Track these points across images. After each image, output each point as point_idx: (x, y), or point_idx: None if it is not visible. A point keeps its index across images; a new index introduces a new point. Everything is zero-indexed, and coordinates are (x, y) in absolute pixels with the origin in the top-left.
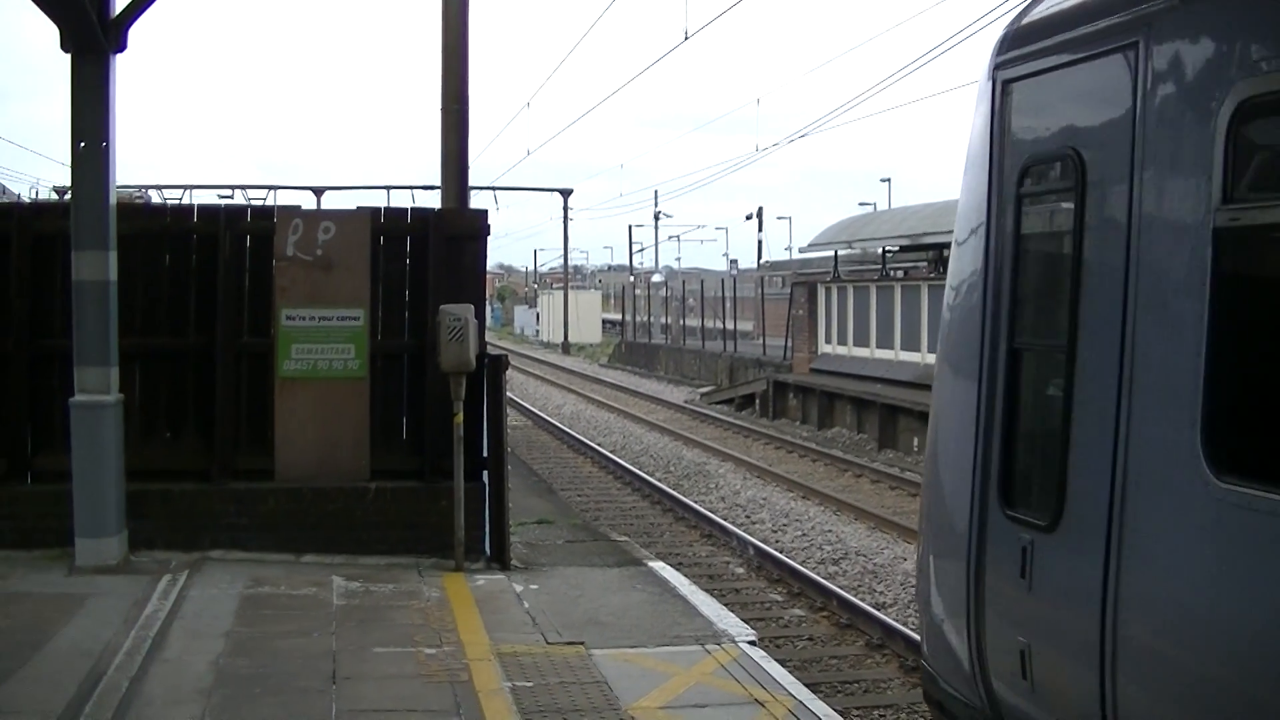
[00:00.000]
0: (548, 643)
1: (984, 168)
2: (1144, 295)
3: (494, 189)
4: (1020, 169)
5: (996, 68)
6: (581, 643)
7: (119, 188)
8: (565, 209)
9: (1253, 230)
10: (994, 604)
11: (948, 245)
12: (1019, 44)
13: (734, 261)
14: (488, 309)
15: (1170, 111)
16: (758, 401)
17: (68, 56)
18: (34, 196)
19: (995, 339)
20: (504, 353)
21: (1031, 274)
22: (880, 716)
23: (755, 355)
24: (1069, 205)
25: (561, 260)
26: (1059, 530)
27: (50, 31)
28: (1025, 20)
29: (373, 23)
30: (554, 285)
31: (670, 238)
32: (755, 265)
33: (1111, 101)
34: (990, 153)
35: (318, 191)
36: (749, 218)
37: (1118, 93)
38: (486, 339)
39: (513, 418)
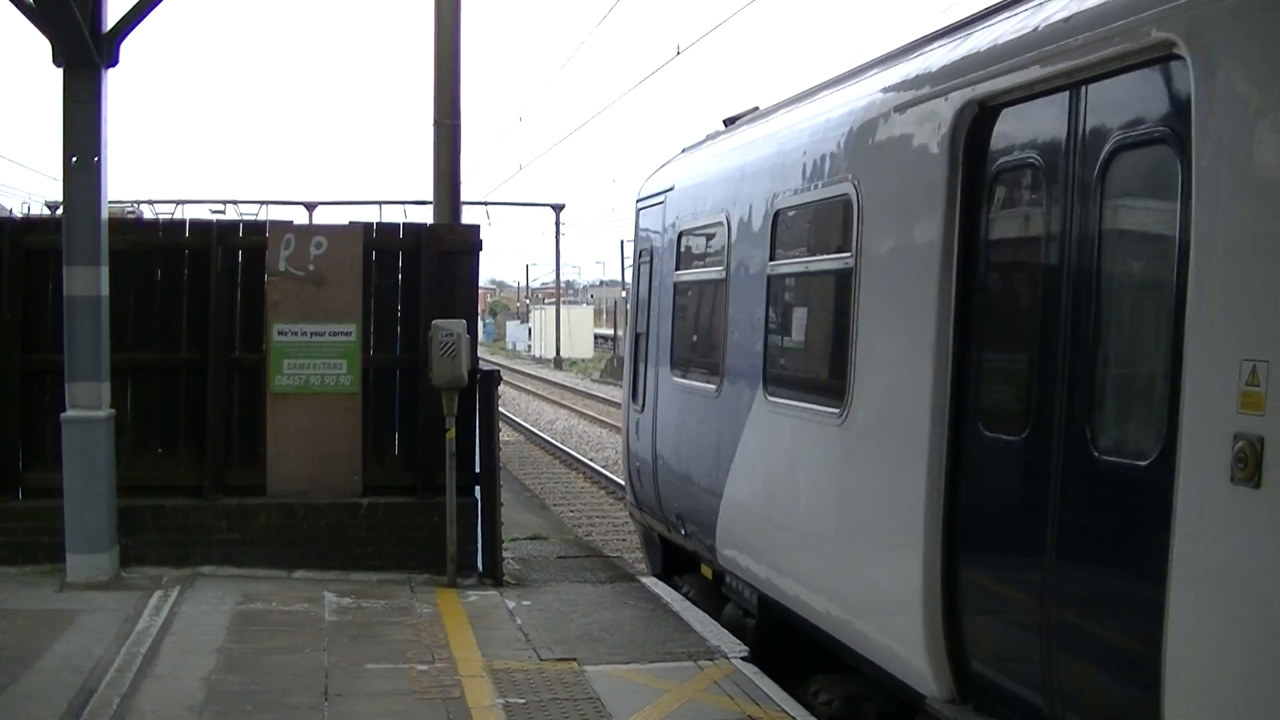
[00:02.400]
0: (540, 659)
1: (633, 250)
2: (655, 308)
3: (486, 204)
4: (638, 251)
5: (636, 202)
6: (574, 659)
7: (111, 203)
8: (557, 224)
9: (681, 284)
10: (630, 450)
11: None
12: (644, 191)
13: None
14: (480, 324)
15: (669, 233)
16: None
17: (59, 71)
18: (26, 211)
19: (631, 329)
20: (496, 368)
21: (640, 300)
22: None
23: None
24: (648, 268)
25: (554, 275)
26: (644, 411)
27: (43, 46)
28: (647, 180)
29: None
30: (546, 300)
31: None
32: None
33: (661, 224)
34: (635, 241)
35: (310, 206)
36: None
37: (663, 221)
38: (479, 354)
39: (505, 433)
